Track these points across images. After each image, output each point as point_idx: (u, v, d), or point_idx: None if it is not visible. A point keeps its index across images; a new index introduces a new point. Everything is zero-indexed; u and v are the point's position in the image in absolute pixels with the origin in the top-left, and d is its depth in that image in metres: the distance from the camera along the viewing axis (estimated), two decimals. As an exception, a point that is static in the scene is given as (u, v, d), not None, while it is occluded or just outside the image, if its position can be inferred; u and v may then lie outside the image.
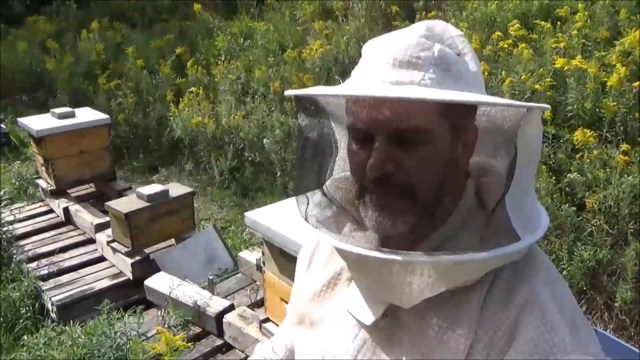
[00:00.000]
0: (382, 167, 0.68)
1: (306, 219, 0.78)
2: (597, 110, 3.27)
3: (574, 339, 0.64)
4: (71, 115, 3.99)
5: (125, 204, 3.17)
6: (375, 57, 0.70)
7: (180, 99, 5.37)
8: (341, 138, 0.83)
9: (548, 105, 0.66)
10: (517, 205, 0.66)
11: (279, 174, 4.48)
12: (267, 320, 2.30)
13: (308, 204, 0.80)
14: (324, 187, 0.82)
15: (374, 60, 0.70)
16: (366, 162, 0.69)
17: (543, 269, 0.70)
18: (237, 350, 2.39)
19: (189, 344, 2.15)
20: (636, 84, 3.16)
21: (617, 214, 2.77)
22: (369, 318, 0.75)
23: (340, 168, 0.85)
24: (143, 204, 3.14)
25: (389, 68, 0.68)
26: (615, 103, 3.17)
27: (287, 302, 2.13)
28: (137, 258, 3.11)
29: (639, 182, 2.71)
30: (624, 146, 2.91)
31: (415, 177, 0.68)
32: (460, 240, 0.70)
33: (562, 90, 3.51)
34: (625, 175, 2.77)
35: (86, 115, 4.10)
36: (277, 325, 2.26)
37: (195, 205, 3.66)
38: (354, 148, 0.72)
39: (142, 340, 2.21)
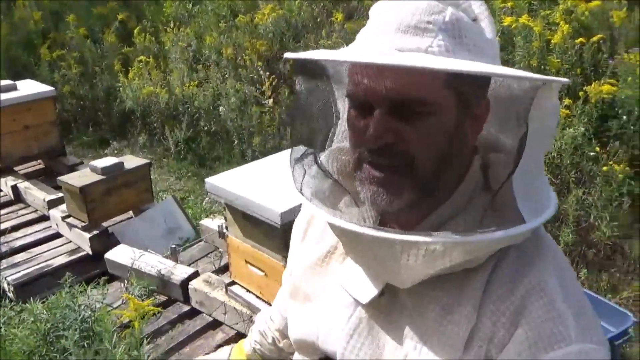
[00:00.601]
0: (381, 137, 0.64)
1: (301, 191, 0.74)
2: (542, 67, 3.41)
3: (578, 327, 0.62)
4: (13, 88, 3.78)
5: (79, 178, 3.08)
6: (382, 21, 0.65)
7: (129, 68, 5.18)
8: (342, 107, 0.78)
9: (568, 80, 0.61)
10: (525, 186, 0.62)
11: (236, 142, 4.45)
12: (232, 283, 2.33)
13: (304, 175, 0.76)
14: (321, 158, 0.78)
15: (380, 24, 0.65)
16: (365, 133, 0.65)
17: (550, 255, 0.67)
18: (204, 315, 2.42)
19: (158, 308, 2.16)
20: (578, 40, 3.30)
21: (560, 164, 2.93)
22: (365, 296, 0.72)
23: (340, 139, 0.80)
24: (97, 177, 3.06)
25: (394, 33, 0.62)
26: (559, 60, 3.31)
27: (252, 265, 2.17)
28: (95, 232, 3.05)
29: (579, 134, 2.88)
30: (567, 100, 3.06)
31: (416, 150, 0.64)
32: (461, 220, 0.67)
33: (510, 49, 3.62)
34: (567, 128, 2.93)
35: (29, 87, 3.89)
36: (243, 288, 2.30)
37: (152, 177, 3.60)
38: (354, 117, 0.68)
39: (108, 311, 2.20)
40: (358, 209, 0.75)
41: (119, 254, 2.74)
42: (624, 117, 3.05)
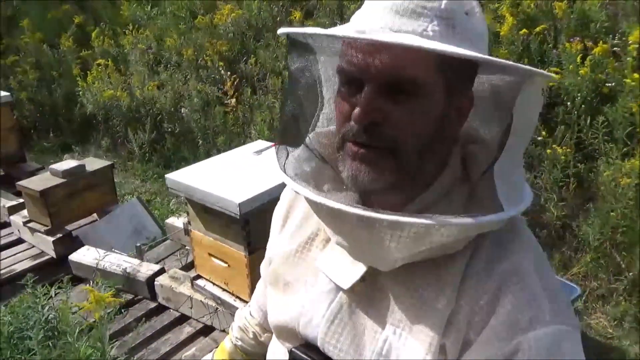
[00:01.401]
0: (369, 115, 0.64)
1: (284, 171, 0.74)
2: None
3: (553, 310, 0.64)
4: (-34, 94, 3.71)
5: (39, 182, 3.06)
6: (378, 2, 0.66)
7: (88, 72, 5.12)
8: (328, 89, 0.79)
9: (554, 74, 0.64)
10: (505, 176, 0.64)
11: (200, 142, 4.46)
12: (197, 277, 2.37)
13: (287, 156, 0.76)
14: (306, 139, 0.78)
15: (376, 5, 0.66)
16: (352, 111, 0.66)
17: (524, 241, 0.70)
18: (171, 310, 2.45)
19: (119, 299, 2.17)
20: (522, 31, 3.46)
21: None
22: (346, 281, 0.73)
23: (324, 123, 0.80)
24: (58, 180, 3.04)
25: (391, 14, 0.64)
26: (506, 50, 3.46)
27: (215, 257, 2.21)
28: (59, 235, 3.03)
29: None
30: (515, 89, 3.20)
31: (401, 132, 0.64)
32: (443, 206, 0.68)
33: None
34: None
35: (-16, 94, 3.83)
36: (208, 281, 2.35)
37: (117, 180, 3.59)
38: (342, 95, 0.69)
39: (74, 313, 2.20)
40: (342, 193, 0.75)
41: (83, 256, 2.74)
42: (569, 104, 3.22)
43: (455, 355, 0.66)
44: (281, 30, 0.69)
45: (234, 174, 2.14)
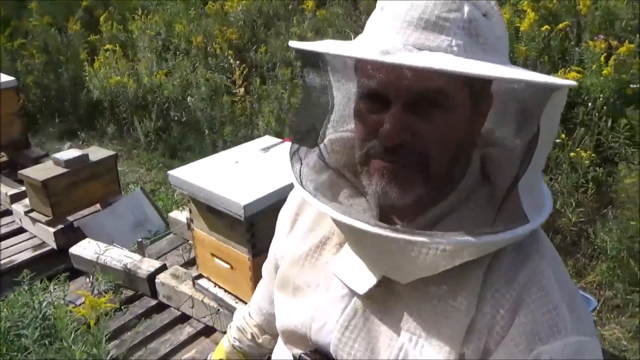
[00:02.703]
0: (398, 135, 0.63)
1: (301, 184, 0.72)
2: (511, 55, 3.43)
3: (572, 320, 0.63)
4: (-29, 78, 3.65)
5: (41, 171, 2.99)
6: (396, 13, 0.62)
7: (95, 57, 5.04)
8: (338, 94, 0.77)
9: (575, 82, 0.60)
10: (529, 185, 0.62)
11: (207, 132, 4.38)
12: (199, 276, 2.30)
13: (301, 164, 0.74)
14: (321, 148, 0.77)
15: (394, 16, 0.62)
16: (377, 127, 0.64)
17: (544, 248, 0.68)
18: (172, 309, 2.39)
19: (117, 304, 2.11)
20: (544, 27, 3.32)
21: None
22: (362, 287, 0.71)
23: (336, 128, 0.79)
24: (60, 170, 2.97)
25: (412, 29, 0.60)
26: (526, 47, 3.33)
27: (218, 258, 2.14)
28: (60, 226, 2.97)
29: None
30: (534, 88, 3.08)
31: (431, 148, 0.63)
32: (463, 214, 0.67)
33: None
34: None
35: (-11, 78, 3.76)
36: (210, 281, 2.27)
37: (121, 168, 3.53)
38: (364, 110, 0.67)
39: (72, 308, 2.14)
40: (361, 201, 0.74)
41: (83, 249, 2.68)
42: (589, 104, 3.10)
43: None
44: (293, 44, 0.66)
45: (239, 172, 2.05)
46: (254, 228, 1.92)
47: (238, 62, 4.40)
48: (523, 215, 0.62)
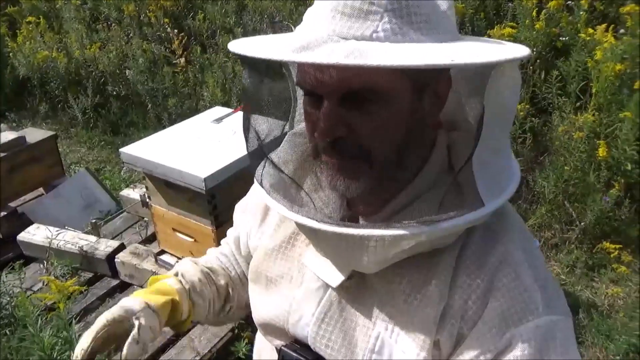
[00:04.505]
0: (332, 132, 0.62)
1: (261, 183, 0.73)
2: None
3: (544, 301, 0.63)
4: None
5: (-26, 158, 2.81)
6: (325, 1, 0.60)
7: (17, 31, 4.68)
8: (296, 90, 0.76)
9: (527, 51, 0.56)
10: (485, 166, 0.61)
11: (149, 105, 4.23)
12: (162, 252, 2.29)
13: (264, 161, 0.74)
14: (283, 142, 0.77)
15: (324, 5, 0.60)
16: (318, 123, 0.63)
17: (515, 230, 0.68)
18: (135, 287, 2.37)
19: (83, 287, 2.07)
20: (480, -15, 3.41)
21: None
22: (335, 280, 0.71)
23: (296, 122, 0.79)
24: (-4, 154, 2.80)
25: (338, 17, 0.58)
26: (463, 5, 3.42)
27: (180, 232, 2.13)
28: (3, 213, 2.83)
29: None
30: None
31: (370, 141, 0.62)
32: (425, 201, 0.66)
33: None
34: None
35: None
36: (173, 256, 2.27)
37: (60, 149, 3.35)
38: (307, 105, 0.66)
39: (28, 296, 2.08)
40: (324, 193, 0.74)
41: (32, 235, 2.58)
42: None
43: (450, 350, 0.65)
44: (230, 47, 0.62)
45: (195, 145, 2.03)
46: (215, 200, 1.93)
47: (176, 30, 4.23)
48: (479, 199, 0.61)
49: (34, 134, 3.07)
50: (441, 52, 0.56)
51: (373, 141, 0.62)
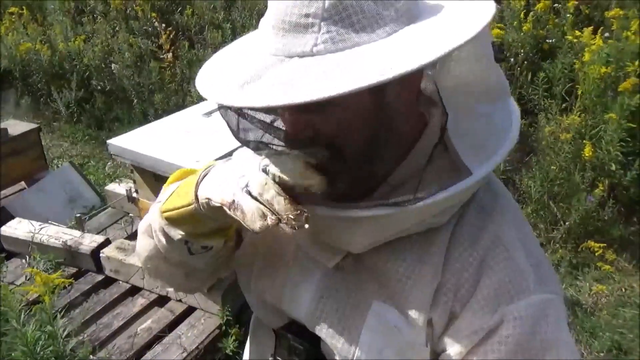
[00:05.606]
0: (297, 136, 0.62)
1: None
2: None
3: (537, 278, 0.63)
4: None
5: (-46, 149, 2.74)
6: (268, 16, 0.58)
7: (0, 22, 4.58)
8: None
9: (470, 35, 0.52)
10: (465, 134, 0.60)
11: (135, 101, 4.17)
12: (148, 247, 2.25)
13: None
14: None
15: (266, 22, 0.59)
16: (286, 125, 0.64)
17: (507, 208, 0.68)
18: (120, 282, 2.33)
19: (69, 280, 2.03)
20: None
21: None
22: (330, 260, 0.71)
23: None
24: (-23, 146, 2.73)
25: (279, 35, 0.57)
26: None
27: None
28: (-17, 207, 2.76)
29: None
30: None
31: (336, 139, 0.62)
32: (426, 176, 0.63)
33: None
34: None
35: None
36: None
37: (43, 143, 3.29)
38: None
39: (11, 289, 2.03)
40: None
41: (14, 229, 2.51)
42: (512, 60, 3.30)
43: (442, 328, 0.65)
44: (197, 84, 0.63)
45: (184, 138, 2.00)
46: (206, 193, 1.90)
47: (163, 25, 4.19)
48: (467, 170, 0.60)
49: (17, 127, 3.01)
50: (377, 63, 0.53)
51: (342, 139, 0.62)
